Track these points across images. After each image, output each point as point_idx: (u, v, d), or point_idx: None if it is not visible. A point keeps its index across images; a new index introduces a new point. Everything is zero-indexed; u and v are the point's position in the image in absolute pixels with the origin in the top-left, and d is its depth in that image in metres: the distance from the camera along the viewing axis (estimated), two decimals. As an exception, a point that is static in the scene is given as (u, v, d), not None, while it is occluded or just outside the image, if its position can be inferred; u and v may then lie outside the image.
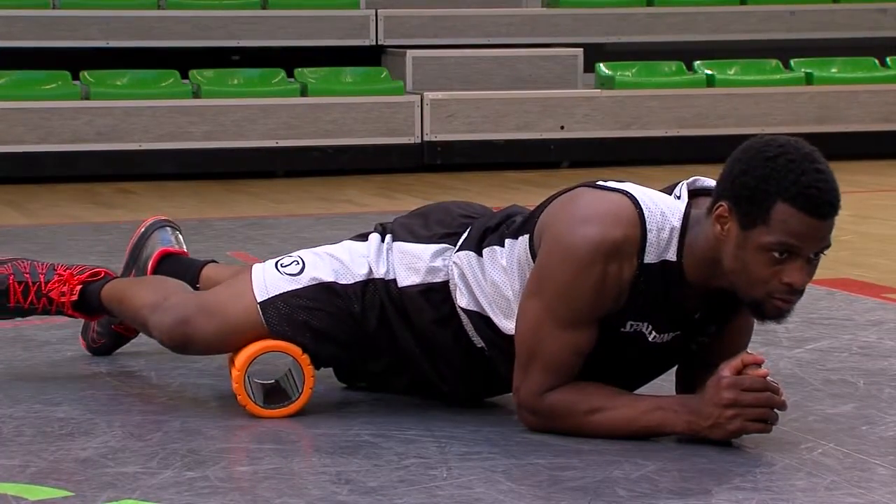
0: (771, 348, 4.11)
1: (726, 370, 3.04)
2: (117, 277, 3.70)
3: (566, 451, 3.06)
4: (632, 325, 3.13)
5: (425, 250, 3.33)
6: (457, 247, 3.31)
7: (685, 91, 10.19)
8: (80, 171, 9.14)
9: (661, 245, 3.07)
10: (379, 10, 10.38)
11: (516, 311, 3.19)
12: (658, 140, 9.82)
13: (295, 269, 3.36)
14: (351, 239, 3.44)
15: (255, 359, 3.33)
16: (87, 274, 3.66)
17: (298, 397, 3.34)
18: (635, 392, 3.24)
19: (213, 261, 3.89)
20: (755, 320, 3.20)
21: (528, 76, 10.24)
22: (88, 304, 3.65)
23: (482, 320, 3.25)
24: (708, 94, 10.23)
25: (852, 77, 10.57)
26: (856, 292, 5.13)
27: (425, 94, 9.76)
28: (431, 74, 10.12)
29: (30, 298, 3.65)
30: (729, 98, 10.18)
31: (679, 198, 3.12)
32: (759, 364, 3.05)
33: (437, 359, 3.34)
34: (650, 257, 3.07)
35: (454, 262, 3.29)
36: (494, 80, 10.16)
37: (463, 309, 3.27)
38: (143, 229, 3.92)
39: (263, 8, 10.32)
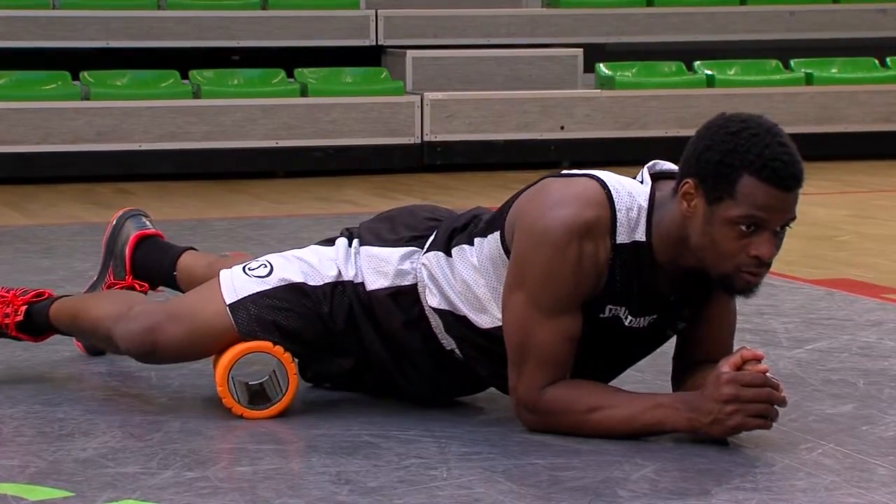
0: (770, 348, 4.11)
1: (726, 366, 3.04)
2: (62, 297, 3.66)
3: (566, 451, 3.06)
4: (610, 310, 3.13)
5: (393, 253, 3.33)
6: (424, 248, 3.32)
7: (685, 91, 10.19)
8: (80, 172, 9.14)
9: (630, 225, 3.10)
10: (379, 11, 10.38)
11: (489, 308, 3.20)
12: (658, 140, 9.81)
13: (263, 271, 3.36)
14: (317, 243, 3.44)
15: (238, 360, 3.32)
16: (30, 295, 3.63)
17: (282, 398, 3.34)
18: (615, 382, 3.25)
19: (192, 248, 3.89)
20: (735, 309, 3.25)
21: (528, 76, 10.24)
22: (34, 324, 3.61)
23: (454, 319, 3.25)
24: (708, 94, 10.22)
25: (852, 77, 10.56)
26: (856, 292, 5.13)
27: (425, 94, 9.76)
28: (431, 75, 10.12)
29: None
30: (729, 98, 10.18)
31: (643, 182, 3.15)
32: (758, 360, 3.05)
33: (403, 361, 3.35)
34: (622, 237, 3.09)
35: (423, 264, 3.30)
36: (494, 81, 10.16)
37: (434, 309, 3.27)
38: (114, 222, 3.92)
39: (263, 8, 10.32)
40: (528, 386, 3.14)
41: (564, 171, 3.23)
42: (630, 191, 3.12)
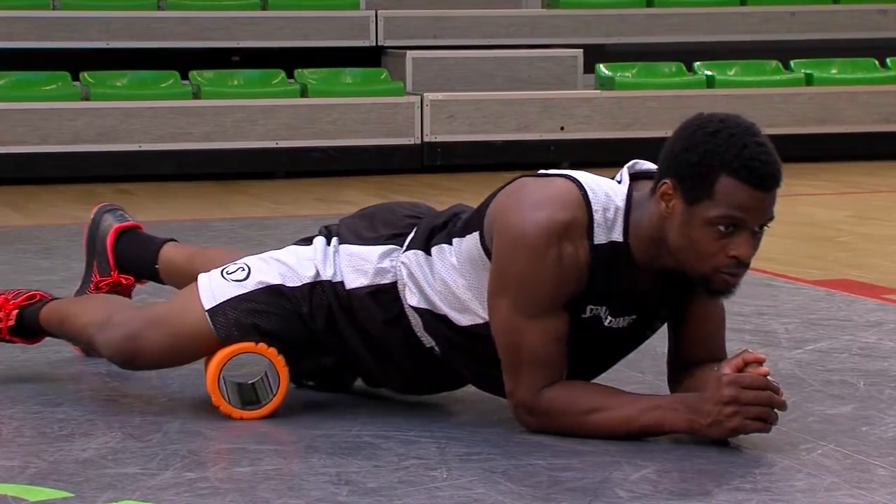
0: (770, 349, 4.11)
1: (727, 367, 3.04)
2: (55, 299, 3.66)
3: (566, 451, 3.06)
4: (591, 310, 3.13)
5: (372, 252, 3.33)
6: (404, 247, 3.31)
7: (685, 92, 10.19)
8: (80, 172, 9.14)
9: (608, 225, 3.09)
10: (379, 11, 10.38)
11: (469, 306, 3.20)
12: (658, 141, 9.75)
13: (241, 275, 3.36)
14: (295, 243, 3.44)
15: (229, 360, 3.32)
16: (22, 298, 3.63)
17: (273, 398, 3.34)
18: (614, 383, 3.25)
19: (173, 239, 3.89)
20: (723, 307, 3.25)
21: (528, 77, 10.24)
22: (26, 327, 3.62)
23: (434, 317, 3.25)
24: (708, 94, 10.22)
25: (852, 78, 10.56)
26: (855, 293, 5.13)
27: (425, 94, 9.76)
28: (431, 75, 10.12)
29: None
30: (729, 99, 10.18)
31: (621, 182, 3.14)
32: (760, 362, 3.05)
33: (383, 359, 3.34)
34: (599, 238, 3.09)
35: (402, 262, 3.29)
36: (494, 81, 10.16)
37: (413, 307, 3.27)
38: (90, 223, 3.92)
39: (263, 9, 10.31)
40: (525, 389, 3.14)
41: (541, 171, 3.21)
42: (607, 191, 3.11)
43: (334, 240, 3.38)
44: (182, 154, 9.36)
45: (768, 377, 3.05)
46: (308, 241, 3.43)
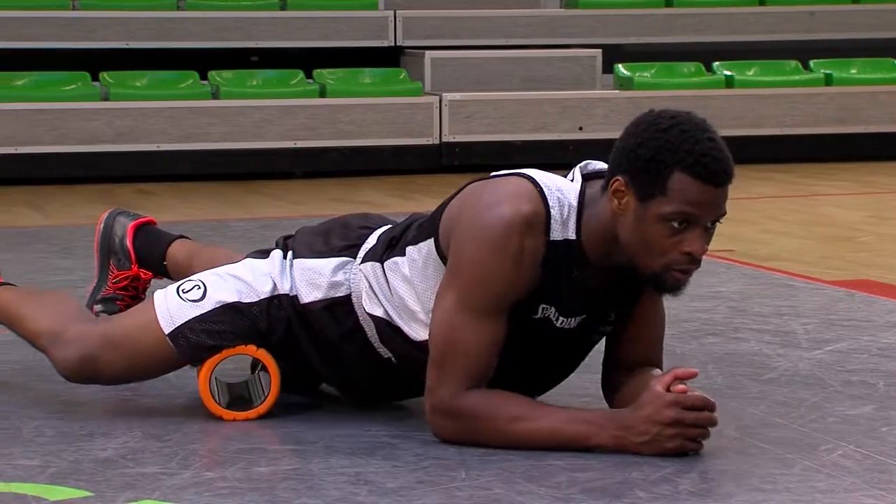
0: (790, 349, 4.11)
1: (658, 385, 3.00)
2: (4, 284, 3.59)
3: (585, 452, 3.06)
4: (542, 310, 3.10)
5: (326, 265, 3.31)
6: (359, 258, 3.29)
7: (704, 92, 10.18)
8: (99, 172, 9.16)
9: (562, 222, 3.08)
10: (397, 11, 10.39)
11: (423, 320, 3.16)
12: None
13: (197, 294, 3.33)
14: (252, 255, 3.42)
15: (220, 362, 3.32)
16: None
17: (265, 400, 3.33)
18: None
19: (183, 236, 3.89)
20: (664, 309, 3.23)
21: (547, 77, 10.23)
22: None
23: (390, 329, 3.22)
24: (727, 94, 10.21)
25: (872, 78, 10.54)
26: (875, 294, 5.11)
27: (443, 95, 9.76)
28: (450, 75, 10.12)
29: None
30: (748, 99, 10.17)
31: (573, 180, 3.13)
32: (692, 377, 3.02)
33: (342, 371, 3.33)
34: (556, 234, 3.07)
35: (361, 273, 3.26)
36: (513, 81, 10.16)
37: (370, 315, 3.24)
38: (101, 225, 3.91)
39: (282, 9, 10.33)
40: (448, 389, 3.07)
41: (493, 174, 3.18)
42: (560, 187, 3.10)
43: (290, 253, 3.36)
44: (201, 154, 9.38)
45: (704, 395, 3.01)
46: (265, 253, 3.40)
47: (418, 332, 3.19)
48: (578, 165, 3.17)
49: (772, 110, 10.17)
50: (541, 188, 3.08)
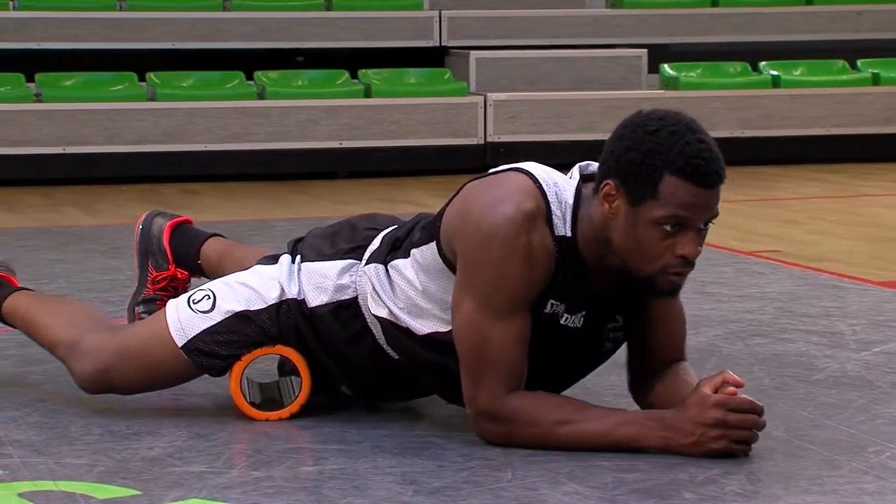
0: (837, 350, 4.08)
1: (707, 386, 2.99)
2: (20, 292, 3.59)
3: (631, 453, 3.05)
4: (552, 305, 3.08)
5: (332, 268, 3.30)
6: (364, 260, 3.28)
7: (750, 92, 10.13)
8: (145, 172, 9.21)
9: (562, 217, 3.06)
10: (443, 11, 10.39)
11: (428, 316, 3.16)
12: (723, 141, 9.73)
13: (206, 304, 3.33)
14: (261, 262, 3.41)
15: (251, 362, 3.33)
16: None
17: (295, 400, 3.34)
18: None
19: (217, 234, 3.89)
20: (682, 308, 3.20)
21: (592, 77, 10.21)
22: None
23: (395, 329, 3.21)
24: (773, 94, 10.16)
25: (920, 78, 10.46)
26: (924, 295, 5.08)
27: (488, 95, 9.76)
28: (495, 75, 10.11)
29: None
30: (794, 99, 10.11)
31: (571, 178, 3.11)
32: (739, 386, 3.00)
33: (351, 373, 3.32)
34: (559, 229, 3.06)
35: (365, 274, 3.25)
36: (558, 81, 10.14)
37: (376, 317, 3.23)
38: (139, 227, 3.92)
39: (328, 9, 10.35)
40: (488, 394, 3.05)
41: (490, 171, 3.17)
42: (556, 182, 3.08)
43: (298, 258, 3.36)
44: (246, 154, 9.41)
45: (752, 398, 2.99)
46: (274, 259, 3.40)
47: (424, 326, 3.17)
48: (578, 165, 3.15)
49: (818, 110, 10.11)
50: (539, 183, 3.06)
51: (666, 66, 10.28)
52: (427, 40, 10.35)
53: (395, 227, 3.35)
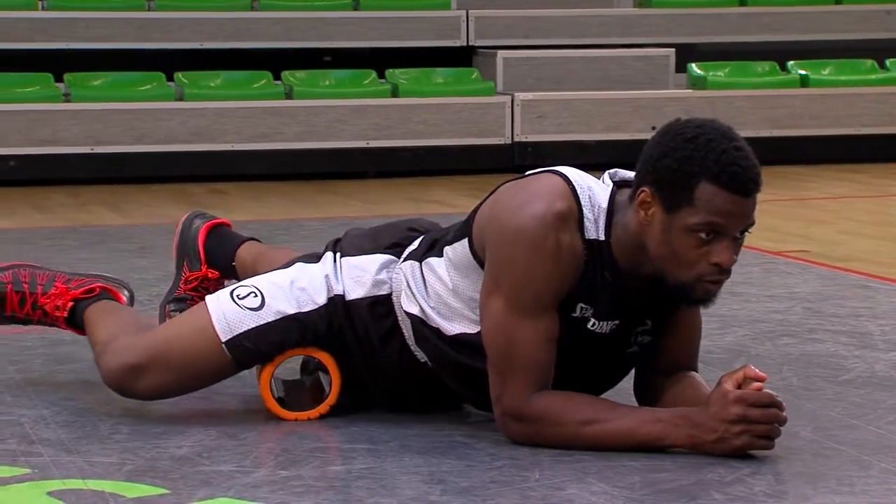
0: (866, 351, 4.07)
1: (729, 382, 2.98)
2: (101, 302, 3.61)
3: (658, 452, 3.04)
4: (581, 309, 3.07)
5: (371, 262, 3.30)
6: (403, 257, 3.29)
7: (778, 91, 10.10)
8: (174, 172, 9.23)
9: (594, 221, 3.05)
10: (470, 11, 10.39)
11: (458, 316, 3.16)
12: (750, 141, 9.71)
13: (254, 302, 3.31)
14: (302, 260, 3.40)
15: (284, 361, 3.33)
16: (81, 290, 3.61)
17: (325, 400, 3.34)
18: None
19: (253, 238, 3.89)
20: (700, 317, 3.19)
21: (620, 77, 10.19)
22: (76, 321, 3.61)
23: (425, 327, 3.20)
24: (802, 94, 10.13)
25: (950, 77, 10.42)
26: (953, 295, 5.06)
27: (516, 94, 9.75)
28: (522, 75, 10.10)
29: (25, 309, 3.62)
30: (823, 98, 10.08)
31: (605, 184, 3.10)
32: (761, 381, 2.99)
33: (379, 376, 3.31)
34: (590, 233, 3.05)
35: (401, 271, 3.26)
36: (585, 81, 10.13)
37: (407, 313, 3.23)
38: (179, 228, 3.93)
39: (355, 9, 10.36)
40: (514, 393, 3.05)
41: (527, 172, 3.16)
42: (591, 186, 3.08)
43: (338, 255, 3.36)
44: (274, 154, 9.43)
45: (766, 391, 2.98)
46: (317, 257, 3.39)
47: (454, 327, 3.17)
48: (607, 172, 3.14)
49: (847, 110, 10.08)
50: (572, 185, 3.06)
51: (694, 65, 10.26)
52: (454, 40, 10.35)
53: (437, 230, 3.36)
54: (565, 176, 3.08)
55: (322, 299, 3.31)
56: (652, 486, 2.85)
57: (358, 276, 3.31)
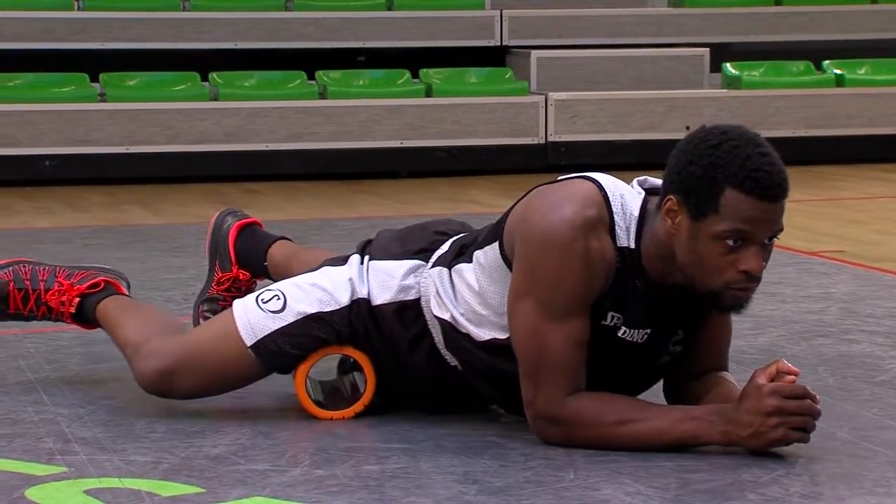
0: (889, 350, 4.05)
1: (762, 377, 2.97)
2: (112, 296, 3.63)
3: (693, 453, 3.04)
4: (612, 317, 3.06)
5: (399, 267, 3.30)
6: (431, 262, 3.29)
7: (814, 91, 10.06)
8: (208, 172, 9.26)
9: (625, 228, 3.05)
10: (504, 11, 10.39)
11: (488, 322, 3.15)
12: (786, 141, 9.69)
13: (277, 304, 3.33)
14: (328, 263, 3.41)
15: (316, 362, 3.34)
16: (86, 284, 3.62)
17: (360, 399, 3.35)
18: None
19: (285, 237, 3.90)
20: (731, 320, 3.18)
21: (654, 76, 10.17)
22: (85, 316, 3.62)
23: (455, 332, 3.20)
24: (837, 93, 10.08)
25: None
26: None
27: (549, 94, 9.75)
28: (556, 75, 10.10)
29: (29, 306, 3.63)
30: (858, 98, 10.03)
31: (636, 191, 3.09)
32: (795, 375, 2.97)
33: (407, 376, 3.31)
34: (621, 240, 3.04)
35: (430, 277, 3.25)
36: (619, 81, 10.11)
37: (437, 318, 3.23)
38: (212, 226, 3.93)
39: (389, 9, 10.37)
40: (548, 397, 3.05)
41: (560, 177, 3.16)
42: (623, 193, 3.07)
43: (366, 258, 3.36)
44: (308, 153, 9.44)
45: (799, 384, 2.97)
46: (343, 259, 3.40)
47: (484, 333, 3.17)
48: (636, 179, 3.13)
49: (883, 109, 10.03)
50: (605, 192, 3.05)
51: (728, 65, 10.23)
52: (488, 39, 10.35)
53: (465, 234, 3.35)
54: (598, 182, 3.07)
55: (345, 300, 3.31)
56: (687, 487, 2.85)
57: (384, 280, 3.31)
